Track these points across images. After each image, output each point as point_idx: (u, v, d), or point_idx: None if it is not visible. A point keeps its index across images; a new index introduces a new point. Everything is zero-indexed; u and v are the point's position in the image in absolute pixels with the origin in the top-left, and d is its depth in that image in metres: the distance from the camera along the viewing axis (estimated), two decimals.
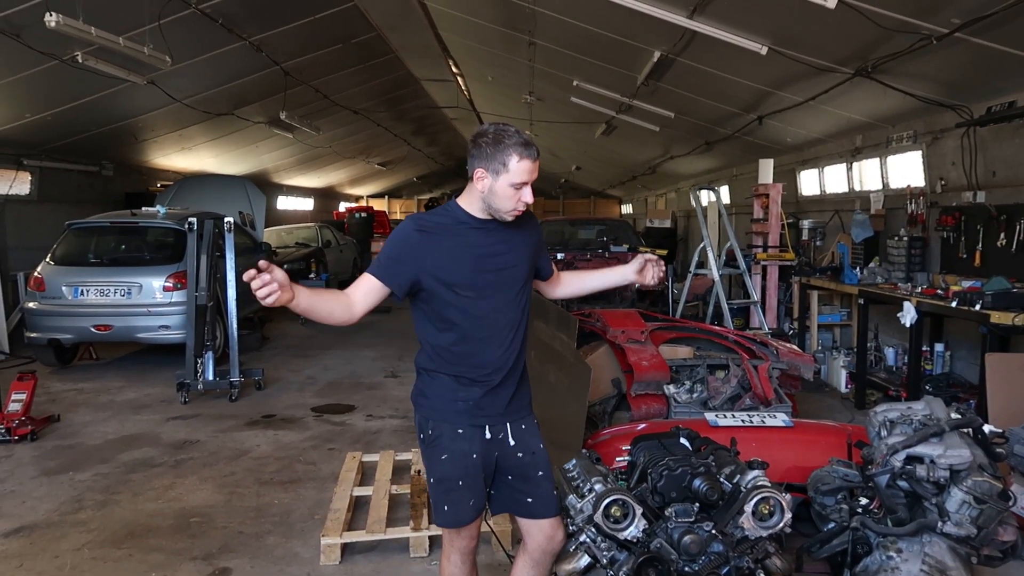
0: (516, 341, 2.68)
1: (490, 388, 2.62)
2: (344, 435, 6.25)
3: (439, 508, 2.66)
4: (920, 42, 5.50)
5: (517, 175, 2.48)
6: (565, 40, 9.62)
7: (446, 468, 2.62)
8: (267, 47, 9.99)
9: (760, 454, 3.12)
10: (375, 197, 34.35)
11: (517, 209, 2.56)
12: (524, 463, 2.71)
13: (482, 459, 2.64)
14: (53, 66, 7.80)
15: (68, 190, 11.71)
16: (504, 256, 2.64)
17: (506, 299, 2.65)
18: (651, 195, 23.41)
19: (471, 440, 2.62)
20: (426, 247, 2.55)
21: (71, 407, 7.04)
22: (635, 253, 11.69)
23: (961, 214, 6.83)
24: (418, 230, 2.58)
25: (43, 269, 8.46)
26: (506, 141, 2.48)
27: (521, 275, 2.69)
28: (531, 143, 2.52)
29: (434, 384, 2.62)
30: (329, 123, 15.29)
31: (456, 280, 2.56)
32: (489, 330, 2.62)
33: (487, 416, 2.64)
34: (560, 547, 2.79)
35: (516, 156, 2.47)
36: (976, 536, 3.06)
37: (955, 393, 6.39)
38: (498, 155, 2.48)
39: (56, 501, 4.81)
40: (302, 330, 11.64)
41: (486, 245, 2.61)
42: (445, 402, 2.60)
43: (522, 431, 2.72)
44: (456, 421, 2.62)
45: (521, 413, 2.75)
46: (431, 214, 2.68)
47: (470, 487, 2.63)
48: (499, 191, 2.51)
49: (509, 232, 2.66)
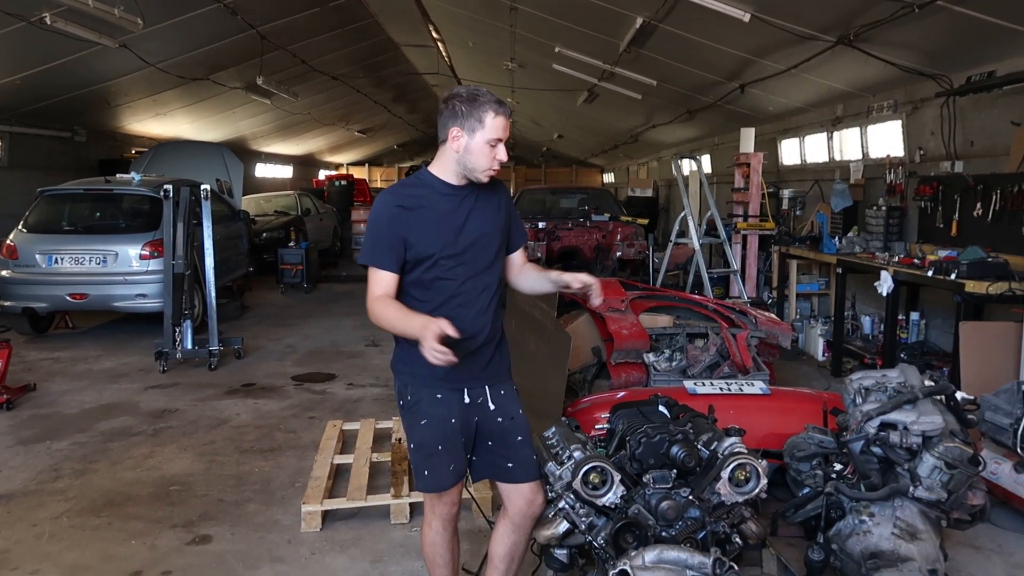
0: (492, 305, 2.72)
1: (469, 352, 2.63)
2: (325, 403, 6.25)
3: (419, 473, 2.69)
4: (902, 10, 5.48)
5: (492, 131, 2.52)
6: (547, 5, 9.51)
7: (425, 433, 2.65)
8: (242, 10, 9.77)
9: (737, 421, 3.16)
10: (355, 165, 34.01)
11: (492, 168, 2.58)
12: (504, 427, 2.74)
13: (461, 424, 2.67)
14: (20, 28, 7.58)
15: (39, 156, 11.47)
16: (479, 223, 2.66)
17: (482, 265, 2.68)
18: (633, 164, 23.37)
19: (450, 405, 2.65)
20: (407, 222, 2.57)
21: (47, 376, 6.97)
22: (616, 223, 11.74)
23: (939, 184, 6.88)
24: (398, 205, 2.59)
25: (15, 237, 8.31)
26: (480, 99, 2.53)
27: (495, 241, 2.72)
28: (502, 101, 2.57)
29: (413, 351, 2.61)
30: (307, 89, 15.05)
31: (436, 250, 2.58)
32: (466, 296, 2.64)
33: (465, 380, 2.67)
34: (540, 511, 2.82)
35: (492, 112, 2.52)
36: (946, 500, 3.13)
37: (929, 361, 6.50)
38: (474, 112, 2.51)
39: (33, 470, 4.77)
40: (282, 299, 11.57)
41: (462, 212, 2.63)
42: (423, 367, 2.58)
43: (501, 396, 2.75)
44: (435, 386, 2.64)
45: (500, 378, 2.77)
46: (404, 186, 2.69)
47: (450, 452, 2.66)
48: (475, 148, 2.54)
49: (482, 199, 2.68)
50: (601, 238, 11.76)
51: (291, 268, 12.05)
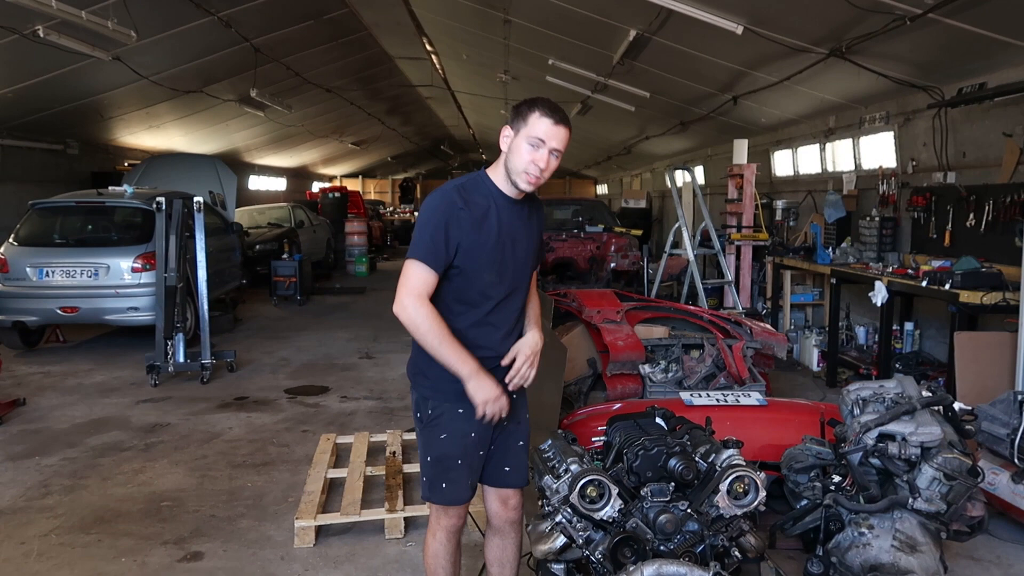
0: (519, 325, 2.72)
1: (493, 368, 2.61)
2: (318, 417, 6.20)
3: (435, 486, 2.65)
4: (894, 22, 5.52)
5: (535, 128, 2.47)
6: (540, 18, 9.54)
7: (445, 447, 2.62)
8: (236, 23, 9.78)
9: (735, 433, 3.14)
10: (349, 177, 34.01)
11: (529, 173, 2.49)
12: (509, 431, 2.74)
13: (480, 437, 2.65)
14: (13, 40, 7.57)
15: (32, 169, 11.42)
16: (522, 243, 2.64)
17: (518, 286, 2.67)
18: (626, 175, 23.44)
19: (470, 419, 2.60)
20: (463, 222, 2.50)
21: (37, 390, 6.90)
22: (610, 234, 11.75)
23: (932, 195, 6.90)
24: (461, 208, 2.49)
25: (6, 250, 8.25)
26: (537, 103, 2.52)
27: (531, 264, 2.72)
28: (560, 110, 2.52)
29: (436, 364, 2.57)
30: (301, 101, 15.06)
31: (483, 262, 2.53)
32: (501, 315, 2.62)
33: None
34: (518, 513, 2.82)
35: (538, 112, 2.49)
36: (946, 512, 3.11)
37: (924, 371, 6.49)
38: (524, 113, 2.51)
39: (22, 486, 4.71)
40: (275, 311, 11.52)
41: (508, 226, 2.58)
42: (447, 382, 2.56)
43: (514, 401, 2.71)
44: (457, 401, 2.59)
45: (518, 389, 2.75)
46: (465, 188, 2.57)
47: (469, 466, 2.65)
48: (516, 147, 2.50)
49: (525, 218, 2.66)
50: (595, 249, 11.77)
51: (284, 280, 12.01)
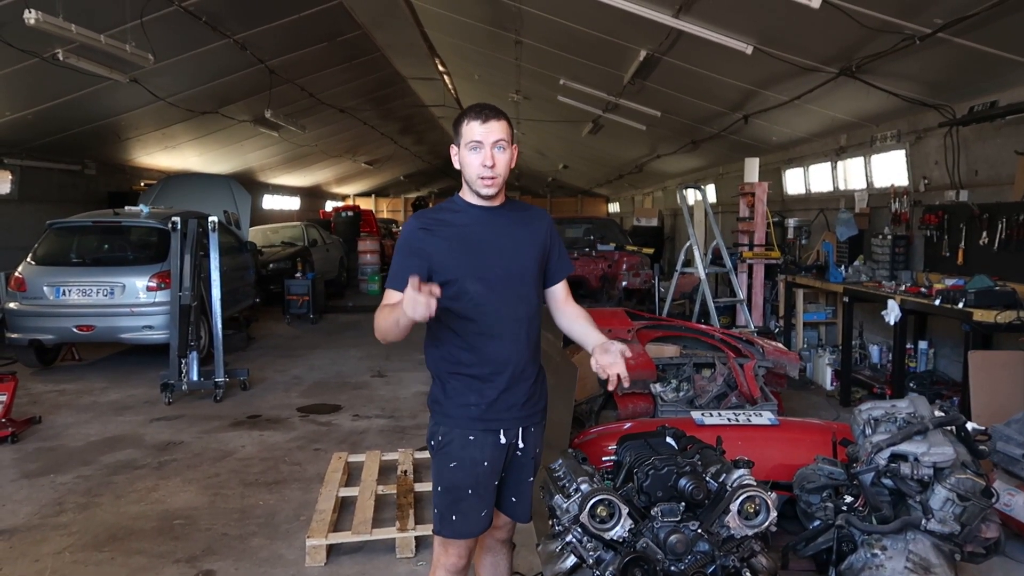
0: (527, 338, 2.62)
1: (504, 388, 2.56)
2: (330, 435, 6.21)
3: (446, 519, 2.58)
4: (903, 42, 5.53)
5: (469, 134, 2.49)
6: (551, 39, 9.62)
7: (455, 476, 2.56)
8: (252, 45, 9.91)
9: (746, 452, 3.12)
10: (362, 196, 34.20)
11: (483, 176, 2.50)
12: (522, 463, 2.69)
13: (493, 467, 2.59)
14: (34, 64, 7.71)
15: (50, 189, 11.58)
16: (510, 251, 2.60)
17: (514, 295, 2.59)
18: (638, 193, 23.46)
19: (483, 447, 2.55)
20: (430, 242, 2.53)
21: (53, 408, 6.96)
22: (622, 253, 11.76)
23: (944, 213, 6.88)
24: (421, 228, 2.57)
25: (24, 269, 8.36)
26: (464, 113, 2.55)
27: (529, 272, 2.64)
28: (487, 107, 2.53)
29: (447, 388, 2.56)
30: (315, 121, 15.21)
31: (460, 274, 2.52)
32: (499, 325, 2.56)
33: (502, 420, 2.58)
34: (510, 533, 2.83)
35: (466, 120, 2.51)
36: (960, 533, 3.08)
37: (939, 390, 6.44)
38: (457, 126, 2.54)
39: (37, 504, 4.75)
40: (288, 330, 11.58)
41: (489, 236, 2.57)
42: (457, 407, 2.54)
43: (531, 434, 2.69)
44: (468, 427, 2.55)
45: (536, 417, 2.71)
46: (431, 210, 2.68)
47: (480, 496, 2.58)
48: (463, 159, 2.53)
49: (516, 226, 2.63)
50: (607, 267, 11.78)
51: (297, 299, 12.09)
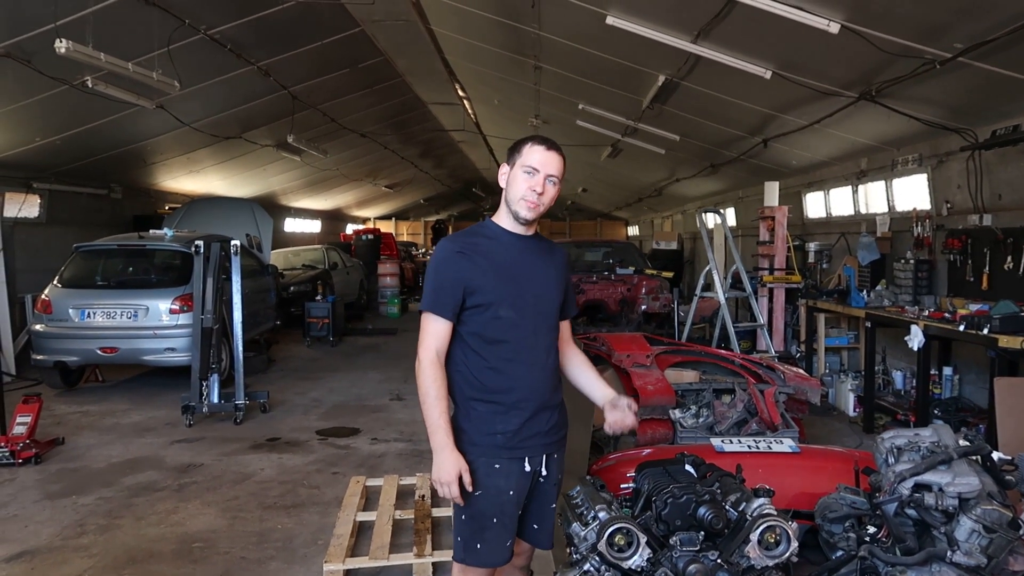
0: (552, 365, 2.69)
1: (530, 416, 2.58)
2: (348, 459, 6.22)
3: (470, 547, 2.57)
4: (923, 66, 5.51)
5: (528, 158, 2.57)
6: (570, 64, 9.70)
7: (481, 504, 2.55)
8: (275, 72, 10.09)
9: (766, 480, 3.08)
10: (382, 219, 34.49)
11: (527, 198, 2.56)
12: (544, 491, 2.69)
13: (518, 495, 2.59)
14: (63, 91, 7.89)
15: (76, 213, 11.79)
16: (542, 281, 2.65)
17: (544, 323, 2.65)
18: (657, 217, 23.44)
19: (508, 475, 2.56)
20: (466, 266, 2.56)
21: (76, 430, 7.04)
22: (641, 276, 11.73)
23: (967, 237, 6.81)
24: (457, 252, 2.59)
25: (50, 291, 8.50)
26: (529, 137, 2.64)
27: (556, 302, 2.71)
28: (551, 140, 2.63)
29: (472, 416, 2.57)
30: (336, 146, 15.40)
31: (496, 298, 2.55)
32: (527, 352, 2.59)
33: (527, 448, 2.59)
34: (528, 560, 2.81)
35: (531, 143, 2.60)
36: (986, 566, 3.01)
37: (964, 417, 6.34)
38: (518, 147, 2.62)
39: (59, 525, 4.79)
40: (308, 352, 11.64)
41: (523, 263, 2.62)
42: (482, 435, 2.55)
43: (554, 460, 2.70)
44: (493, 455, 2.55)
45: (559, 444, 2.72)
46: (464, 233, 2.71)
47: (505, 525, 2.58)
48: (513, 178, 2.59)
49: (544, 256, 2.69)
50: (626, 291, 11.74)
51: (318, 321, 12.17)
